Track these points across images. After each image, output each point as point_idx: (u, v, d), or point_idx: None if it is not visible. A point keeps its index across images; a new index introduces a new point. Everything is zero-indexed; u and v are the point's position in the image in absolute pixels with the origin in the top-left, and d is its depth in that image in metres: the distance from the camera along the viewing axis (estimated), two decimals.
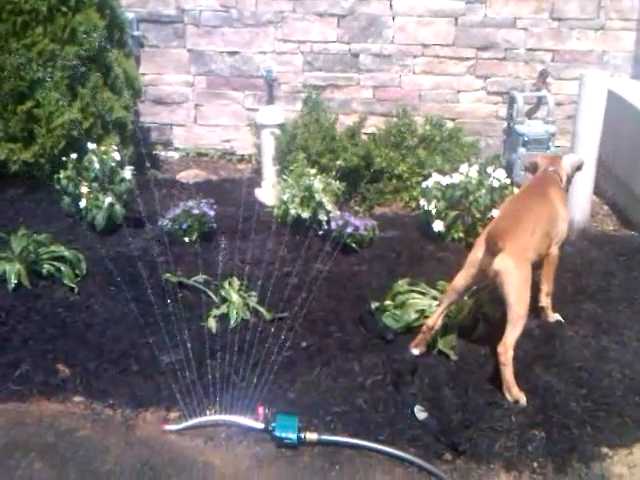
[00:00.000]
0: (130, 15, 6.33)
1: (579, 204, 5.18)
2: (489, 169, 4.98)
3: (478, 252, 3.54)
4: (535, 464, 3.07)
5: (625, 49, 6.41)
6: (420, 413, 3.30)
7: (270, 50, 6.57)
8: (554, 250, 3.87)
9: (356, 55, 6.54)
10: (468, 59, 6.50)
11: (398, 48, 6.49)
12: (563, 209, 3.89)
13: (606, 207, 5.89)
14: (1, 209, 5.19)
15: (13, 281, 4.08)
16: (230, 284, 4.15)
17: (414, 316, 3.89)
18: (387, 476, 3.03)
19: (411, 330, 3.84)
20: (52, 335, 3.79)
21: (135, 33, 6.45)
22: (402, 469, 3.06)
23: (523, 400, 3.36)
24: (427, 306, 3.91)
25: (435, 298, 3.96)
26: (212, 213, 4.93)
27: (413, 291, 4.05)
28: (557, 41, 6.42)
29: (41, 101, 5.25)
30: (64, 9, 5.26)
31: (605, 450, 3.16)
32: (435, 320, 3.65)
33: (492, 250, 3.44)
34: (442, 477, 3.01)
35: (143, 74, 6.53)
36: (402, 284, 4.10)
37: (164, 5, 6.47)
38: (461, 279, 3.60)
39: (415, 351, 3.70)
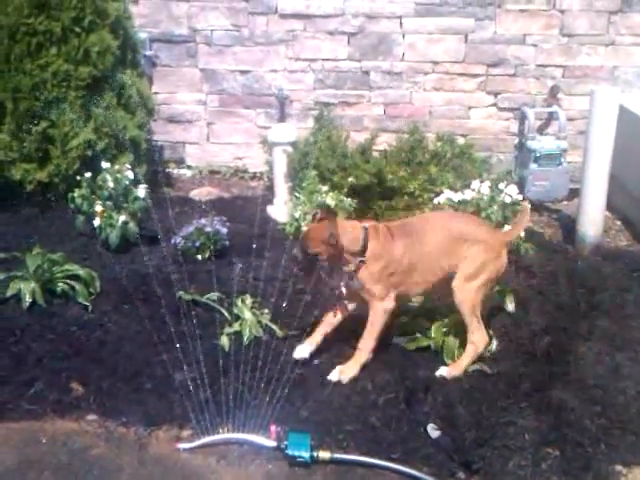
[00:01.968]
0: (143, 35, 6.40)
1: (592, 219, 5.17)
2: (501, 185, 4.97)
3: None
4: None
5: (636, 64, 6.41)
6: (433, 431, 3.30)
7: (281, 68, 6.62)
8: None
9: (367, 72, 6.58)
10: (478, 75, 6.53)
11: (408, 65, 6.53)
12: None
13: (619, 222, 5.88)
14: (16, 228, 5.23)
15: (28, 300, 4.11)
16: (243, 302, 4.16)
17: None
18: None
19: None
20: (66, 353, 3.82)
21: (148, 53, 6.52)
22: None
23: None
24: None
25: None
26: (225, 230, 4.95)
27: None
28: (567, 57, 6.44)
29: (56, 121, 5.30)
30: (78, 30, 5.33)
31: (619, 468, 3.14)
32: None
33: None
34: None
35: (156, 93, 6.59)
36: None
37: (176, 25, 6.54)
38: None
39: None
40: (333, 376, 3.67)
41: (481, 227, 3.89)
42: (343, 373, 3.66)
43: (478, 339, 3.72)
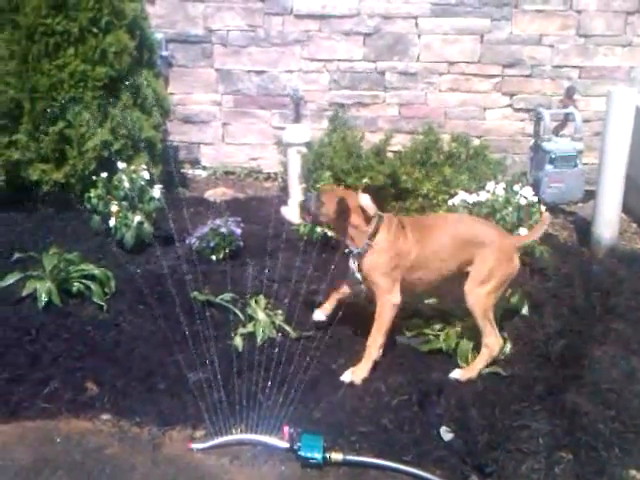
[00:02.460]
0: (159, 35, 6.42)
1: (607, 221, 5.15)
2: (516, 187, 4.95)
3: None
4: None
5: None
6: (446, 434, 3.29)
7: (297, 69, 6.63)
8: None
9: (382, 73, 6.57)
10: (494, 76, 6.51)
11: (424, 66, 6.52)
12: None
13: (635, 225, 5.84)
14: (32, 228, 5.27)
15: (44, 299, 4.14)
16: (257, 302, 4.18)
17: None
18: None
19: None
20: (81, 353, 3.84)
21: (164, 53, 6.55)
22: None
23: None
24: None
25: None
26: (239, 231, 4.97)
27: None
28: (584, 58, 6.41)
29: (72, 122, 5.34)
30: (95, 30, 5.36)
31: (633, 472, 3.13)
32: None
33: None
34: None
35: (172, 94, 6.61)
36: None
37: (192, 25, 6.57)
38: None
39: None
40: (346, 377, 3.68)
41: (493, 231, 3.88)
42: (355, 374, 3.67)
43: (492, 342, 3.71)
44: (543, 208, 5.03)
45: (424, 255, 3.72)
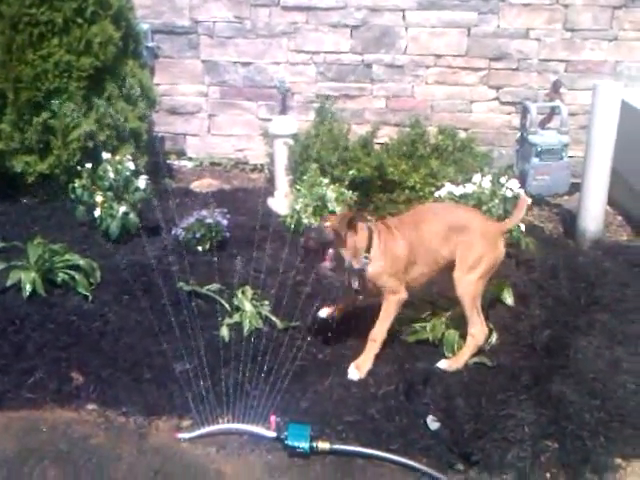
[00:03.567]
0: (145, 26, 6.38)
1: (593, 214, 5.17)
2: (502, 179, 4.98)
3: None
4: (548, 475, 3.07)
5: (639, 59, 6.39)
6: (433, 423, 3.30)
7: (283, 61, 6.60)
8: None
9: (369, 65, 6.57)
10: (481, 69, 6.51)
11: (411, 58, 6.52)
12: None
13: (620, 217, 5.87)
14: (17, 218, 5.24)
15: (28, 289, 4.11)
16: (243, 293, 4.16)
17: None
18: None
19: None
20: (66, 343, 3.82)
21: (150, 44, 6.51)
22: (414, 479, 3.06)
23: None
24: None
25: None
26: (225, 222, 4.95)
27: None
28: (570, 51, 6.43)
29: (57, 112, 5.29)
30: (80, 21, 5.31)
31: (619, 461, 3.15)
32: None
33: None
34: None
35: (157, 84, 6.57)
36: None
37: (178, 16, 6.53)
38: None
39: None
40: (353, 375, 3.64)
41: (476, 216, 3.90)
42: (359, 368, 3.65)
43: (478, 331, 3.72)
44: (529, 200, 5.06)
45: (418, 250, 3.71)
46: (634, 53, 6.39)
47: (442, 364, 3.71)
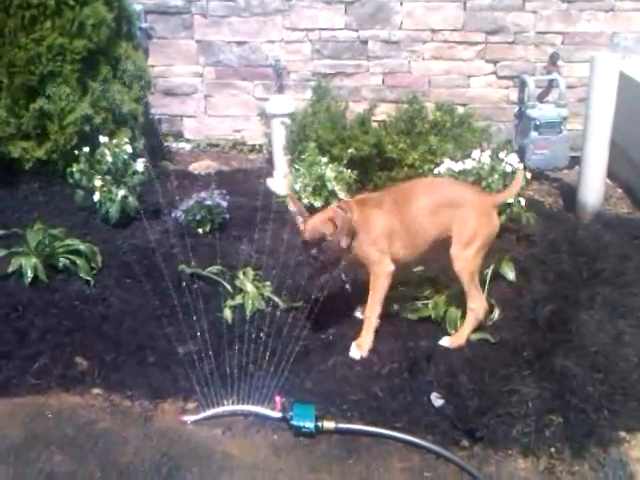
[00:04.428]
0: (138, 7, 6.32)
1: (592, 187, 5.16)
2: (501, 154, 4.95)
3: None
4: (553, 449, 3.08)
5: (636, 30, 6.34)
6: (437, 400, 3.32)
7: (278, 39, 6.55)
8: None
9: (365, 42, 6.51)
10: (477, 43, 6.46)
11: (407, 34, 6.46)
12: None
13: (620, 190, 5.86)
14: (16, 204, 5.22)
15: (30, 275, 4.10)
16: (245, 274, 4.16)
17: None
18: (404, 463, 3.05)
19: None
20: (69, 328, 3.82)
21: (143, 25, 6.44)
22: (419, 456, 3.08)
23: None
24: None
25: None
26: (225, 204, 4.94)
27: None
28: (567, 23, 6.37)
29: (52, 96, 5.25)
30: (72, 3, 5.25)
31: (623, 434, 3.17)
32: None
33: None
34: (460, 464, 3.02)
35: (152, 66, 6.52)
36: None
37: None
38: None
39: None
40: (355, 354, 3.66)
41: (468, 190, 3.88)
42: (360, 346, 3.67)
43: (478, 306, 3.72)
44: (529, 175, 5.05)
45: (400, 224, 3.68)
46: (631, 24, 6.33)
47: (444, 341, 3.72)
